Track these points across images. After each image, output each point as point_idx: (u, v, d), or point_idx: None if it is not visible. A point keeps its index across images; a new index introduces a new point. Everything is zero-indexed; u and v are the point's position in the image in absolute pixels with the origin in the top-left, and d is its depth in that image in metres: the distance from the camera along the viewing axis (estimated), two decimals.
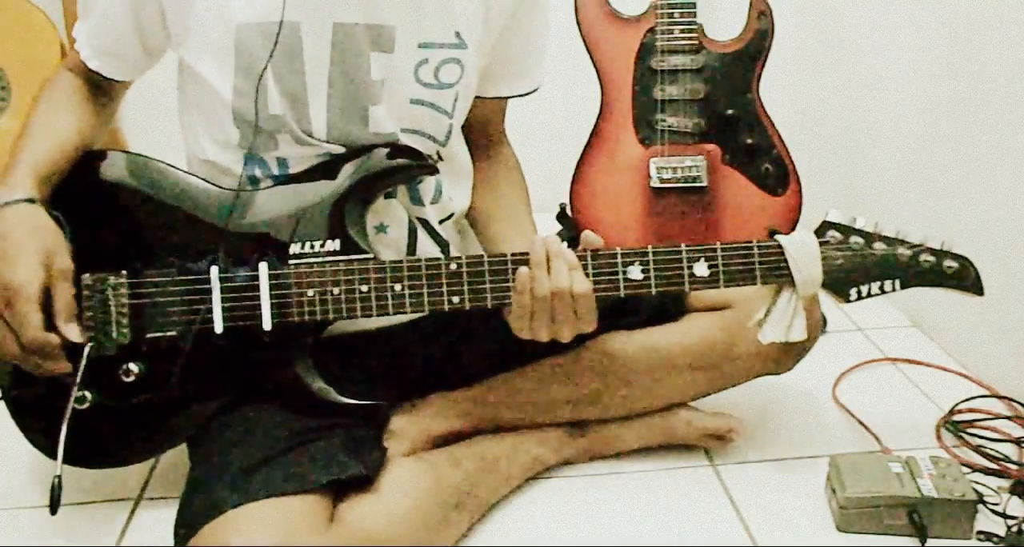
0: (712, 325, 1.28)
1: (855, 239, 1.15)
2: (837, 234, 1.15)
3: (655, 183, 1.75)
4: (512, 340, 1.14)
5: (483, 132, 1.35)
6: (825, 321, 1.69)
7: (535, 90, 1.32)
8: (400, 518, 1.06)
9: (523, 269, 1.09)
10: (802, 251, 1.13)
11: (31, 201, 1.06)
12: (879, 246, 1.15)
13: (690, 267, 1.12)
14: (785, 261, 1.13)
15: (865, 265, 1.15)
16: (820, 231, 1.16)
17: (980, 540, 1.16)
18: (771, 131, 1.74)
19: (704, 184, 1.74)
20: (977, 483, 1.22)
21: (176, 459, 1.28)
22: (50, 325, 1.02)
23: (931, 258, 1.16)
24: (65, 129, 1.15)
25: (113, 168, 1.16)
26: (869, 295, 1.16)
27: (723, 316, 1.28)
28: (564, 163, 1.77)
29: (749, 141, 1.73)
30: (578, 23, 1.76)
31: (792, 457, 1.35)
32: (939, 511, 1.15)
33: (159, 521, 1.20)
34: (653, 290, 1.12)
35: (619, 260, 1.11)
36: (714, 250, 1.12)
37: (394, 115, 1.17)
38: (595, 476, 1.31)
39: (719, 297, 1.29)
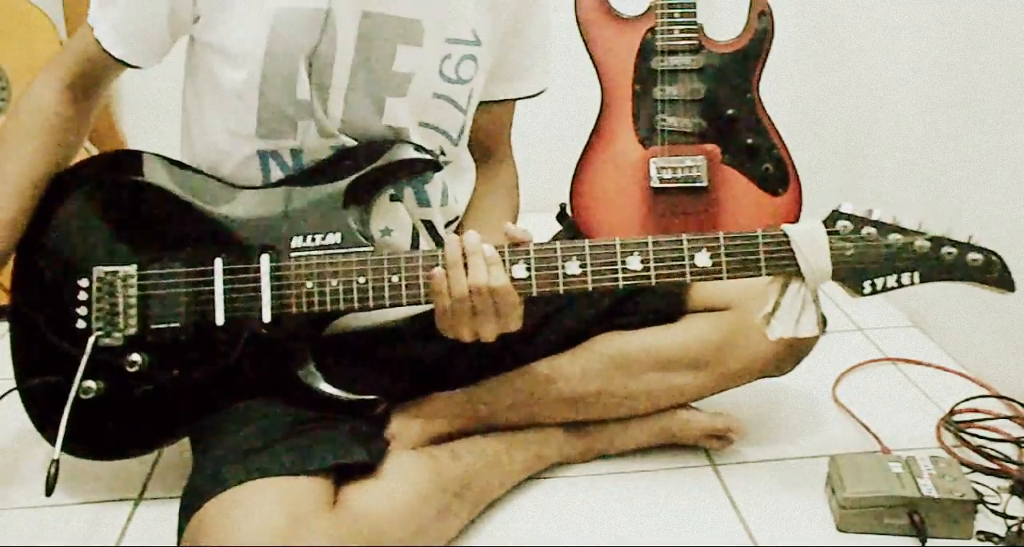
0: (712, 326, 1.28)
1: (868, 230, 1.09)
2: (848, 224, 1.09)
3: (655, 183, 1.74)
4: (512, 339, 1.14)
5: (484, 143, 1.35)
6: (825, 321, 1.68)
7: (541, 92, 1.32)
8: (401, 503, 1.07)
9: (437, 270, 1.08)
10: (808, 241, 1.08)
11: None
12: (895, 237, 1.09)
13: (692, 257, 1.08)
14: (791, 251, 1.09)
15: (878, 256, 1.08)
16: (830, 220, 1.10)
17: (980, 540, 1.16)
18: (771, 131, 1.73)
19: (704, 184, 1.74)
20: (977, 483, 1.21)
21: (176, 459, 1.29)
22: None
23: (953, 250, 1.08)
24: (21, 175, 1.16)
25: (129, 167, 1.18)
26: (885, 288, 1.09)
27: (723, 317, 1.28)
28: (564, 163, 1.77)
29: (749, 141, 1.73)
30: (578, 23, 1.76)
31: (792, 457, 1.35)
32: (939, 511, 1.15)
33: (159, 521, 1.20)
34: (653, 281, 1.09)
35: (618, 250, 1.10)
36: (717, 240, 1.09)
37: (415, 108, 1.17)
38: (595, 476, 1.31)
39: (719, 298, 1.29)
